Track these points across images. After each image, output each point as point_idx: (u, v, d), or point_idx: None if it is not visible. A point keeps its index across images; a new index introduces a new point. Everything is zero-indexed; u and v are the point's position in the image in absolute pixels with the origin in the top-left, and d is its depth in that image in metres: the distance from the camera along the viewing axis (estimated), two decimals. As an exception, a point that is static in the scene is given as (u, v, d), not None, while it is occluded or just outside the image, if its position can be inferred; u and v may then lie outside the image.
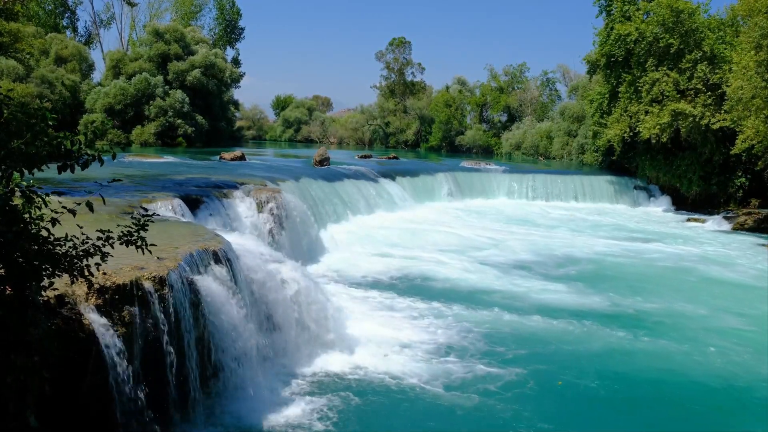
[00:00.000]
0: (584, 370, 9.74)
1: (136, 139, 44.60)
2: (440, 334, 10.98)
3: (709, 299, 14.25)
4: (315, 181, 21.99)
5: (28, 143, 4.18)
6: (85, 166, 4.48)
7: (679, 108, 28.40)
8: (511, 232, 22.65)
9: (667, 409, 8.69)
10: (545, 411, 8.32)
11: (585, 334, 11.43)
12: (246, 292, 8.79)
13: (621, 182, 33.23)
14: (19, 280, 4.24)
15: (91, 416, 5.84)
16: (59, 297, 5.72)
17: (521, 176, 33.12)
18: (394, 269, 15.72)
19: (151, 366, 6.64)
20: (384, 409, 8.21)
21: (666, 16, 29.41)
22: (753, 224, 25.60)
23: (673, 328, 12.00)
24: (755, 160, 26.79)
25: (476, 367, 9.57)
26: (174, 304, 7.04)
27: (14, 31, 26.67)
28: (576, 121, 47.22)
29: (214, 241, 8.87)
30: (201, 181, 17.33)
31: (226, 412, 7.67)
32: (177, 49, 48.30)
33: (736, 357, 10.57)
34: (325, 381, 8.93)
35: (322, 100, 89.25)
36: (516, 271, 16.20)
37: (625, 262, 18.00)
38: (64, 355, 5.18)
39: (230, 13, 67.12)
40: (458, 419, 8.03)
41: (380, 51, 70.10)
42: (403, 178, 28.12)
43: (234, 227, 13.74)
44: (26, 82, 40.97)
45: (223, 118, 52.33)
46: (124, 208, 11.11)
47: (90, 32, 63.86)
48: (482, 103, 64.40)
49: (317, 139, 73.42)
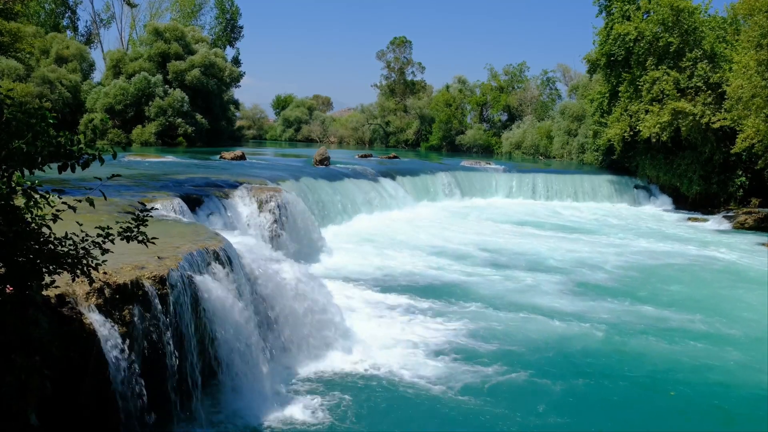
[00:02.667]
0: (586, 370, 9.74)
1: (136, 138, 44.59)
2: (442, 334, 10.97)
3: (709, 299, 14.26)
4: (315, 181, 21.99)
5: (28, 143, 4.18)
6: (85, 166, 4.49)
7: (680, 107, 28.39)
8: (511, 232, 22.66)
9: (671, 409, 8.69)
10: (548, 412, 8.32)
11: (585, 333, 11.43)
12: (246, 291, 8.80)
13: (621, 182, 33.23)
14: (20, 279, 4.24)
15: (91, 415, 5.84)
16: (60, 296, 5.72)
17: (521, 176, 33.13)
18: (395, 268, 15.72)
19: (152, 365, 6.64)
20: (385, 408, 8.21)
21: (666, 15, 29.40)
22: (753, 223, 25.60)
23: (674, 327, 11.99)
24: (755, 159, 26.77)
25: (479, 367, 9.57)
26: (174, 303, 7.04)
27: (14, 30, 26.68)
28: (576, 120, 47.20)
29: (215, 240, 8.87)
30: (201, 180, 17.33)
31: (227, 411, 7.67)
32: (177, 49, 48.25)
33: (737, 357, 10.58)
34: (326, 380, 8.93)
35: (322, 100, 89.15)
36: (518, 272, 16.20)
37: (626, 262, 17.99)
38: (64, 354, 5.18)
39: (230, 12, 67.13)
40: (459, 419, 8.03)
41: (381, 50, 70.14)
42: (404, 177, 28.12)
43: (234, 227, 13.76)
44: (26, 81, 40.97)
45: (224, 117, 52.30)
46: (124, 207, 11.11)
47: (90, 32, 63.94)
48: (482, 103, 64.34)
49: (317, 139, 73.37)
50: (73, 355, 5.54)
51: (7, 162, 4.21)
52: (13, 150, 4.15)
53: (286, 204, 15.86)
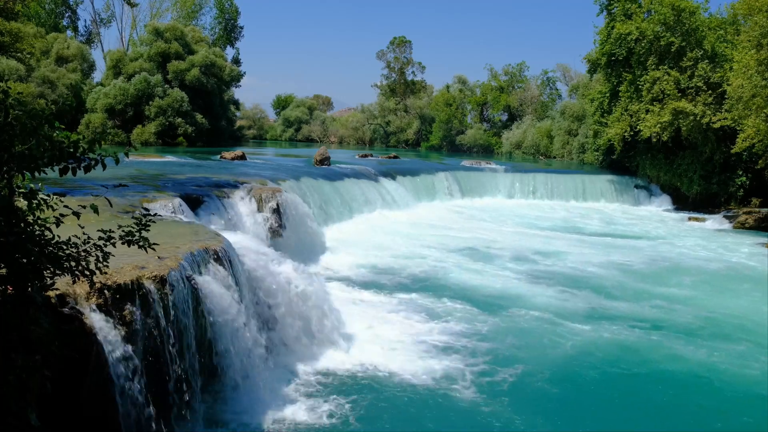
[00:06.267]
0: (586, 370, 9.75)
1: (136, 138, 44.57)
2: (442, 333, 10.99)
3: (709, 299, 14.26)
4: (316, 181, 22.00)
5: (31, 148, 4.19)
6: (87, 170, 4.50)
7: (680, 107, 28.39)
8: (512, 231, 22.67)
9: (672, 408, 8.70)
10: (546, 411, 8.33)
11: (586, 334, 11.44)
12: (247, 291, 8.81)
13: (622, 181, 33.24)
14: (21, 280, 4.25)
15: (91, 415, 5.85)
16: (60, 296, 5.74)
17: (522, 175, 33.16)
18: (395, 268, 15.73)
19: (152, 365, 6.65)
20: (385, 408, 8.21)
21: (667, 15, 29.41)
22: (754, 223, 25.60)
23: (674, 328, 12.00)
24: (756, 159, 26.78)
25: (479, 366, 9.58)
26: (175, 303, 7.05)
27: (15, 30, 26.69)
28: (576, 120, 47.20)
29: (215, 240, 8.88)
30: (202, 180, 17.34)
31: (227, 411, 7.69)
32: (177, 49, 48.26)
33: (736, 357, 10.58)
34: (325, 380, 8.94)
35: (322, 100, 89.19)
36: (518, 272, 16.21)
37: (626, 262, 17.99)
38: (65, 353, 5.19)
39: (230, 12, 67.15)
40: (460, 419, 8.05)
41: (381, 50, 70.35)
42: (404, 177, 28.13)
43: (235, 226, 13.76)
44: (27, 81, 40.98)
45: (224, 117, 52.31)
46: (125, 207, 11.12)
47: (90, 31, 63.92)
48: (483, 103, 64.35)
49: (318, 139, 73.37)
50: (74, 354, 5.55)
51: (9, 164, 4.21)
52: (15, 154, 4.15)
53: (287, 204, 15.86)
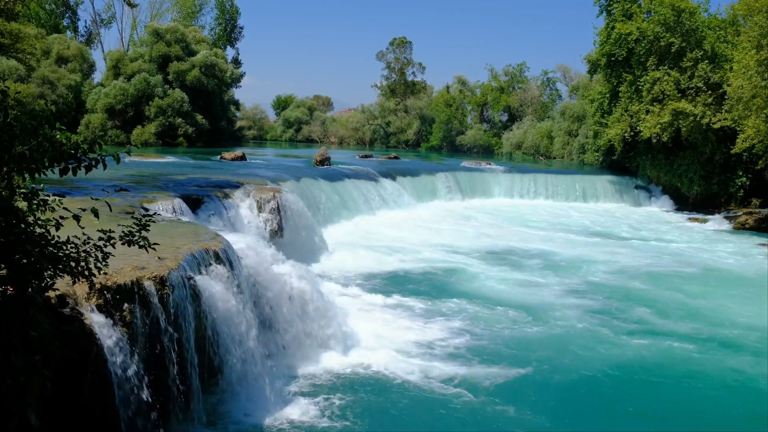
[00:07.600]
0: (586, 370, 9.75)
1: (136, 139, 44.49)
2: (442, 334, 10.98)
3: (709, 298, 14.25)
4: (316, 181, 22.00)
5: (32, 149, 4.18)
6: (88, 170, 4.51)
7: (680, 107, 28.40)
8: (512, 231, 22.66)
9: (671, 408, 8.70)
10: (547, 411, 8.32)
11: (585, 334, 11.43)
12: (247, 291, 8.80)
13: (622, 182, 33.25)
14: (21, 280, 4.25)
15: (91, 415, 5.85)
16: (60, 297, 5.73)
17: (522, 176, 33.17)
18: (395, 268, 15.73)
19: (152, 365, 6.64)
20: (386, 408, 8.21)
21: (667, 15, 29.42)
22: (754, 224, 25.61)
23: (673, 328, 11.99)
24: (756, 159, 26.77)
25: (479, 366, 9.58)
26: (175, 303, 7.05)
27: (15, 31, 26.69)
28: (577, 120, 47.19)
29: (215, 241, 8.88)
30: (202, 180, 17.35)
31: (227, 411, 7.69)
32: (177, 50, 48.26)
33: (735, 358, 10.58)
34: (326, 380, 8.94)
35: (322, 100, 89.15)
36: (521, 271, 16.21)
37: (626, 262, 17.98)
38: (65, 354, 5.19)
39: (230, 12, 67.16)
40: (460, 418, 8.04)
41: (381, 51, 70.33)
42: (404, 177, 28.13)
43: (235, 227, 13.76)
44: (27, 82, 40.99)
45: (224, 117, 52.31)
46: (124, 208, 11.12)
47: (90, 32, 63.89)
48: (483, 103, 64.34)
49: (318, 139, 73.35)
50: (74, 354, 5.54)
51: (9, 165, 4.21)
52: (15, 154, 4.15)
53: (287, 204, 15.87)
